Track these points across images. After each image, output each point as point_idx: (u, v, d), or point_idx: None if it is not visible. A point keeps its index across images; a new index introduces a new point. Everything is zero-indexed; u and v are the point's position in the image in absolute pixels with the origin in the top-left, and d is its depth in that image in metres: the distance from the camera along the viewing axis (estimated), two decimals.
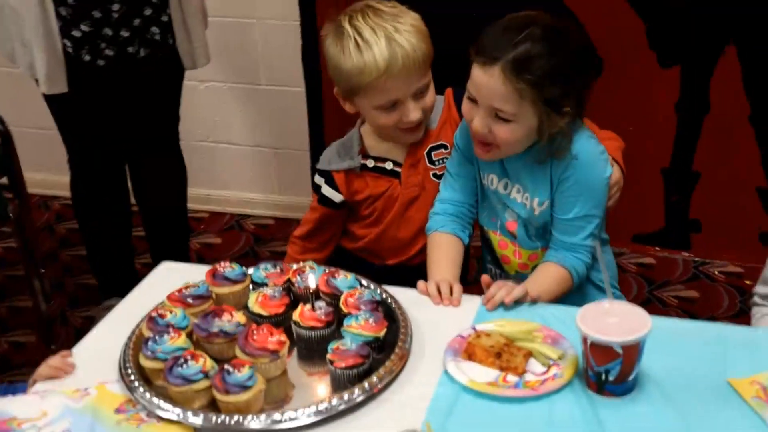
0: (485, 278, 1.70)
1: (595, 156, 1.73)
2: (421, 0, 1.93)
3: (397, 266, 2.00)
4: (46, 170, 3.51)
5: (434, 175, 1.93)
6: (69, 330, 2.94)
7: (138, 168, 2.81)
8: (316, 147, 3.37)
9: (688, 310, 2.86)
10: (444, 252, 1.84)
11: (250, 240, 3.52)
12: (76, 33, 2.39)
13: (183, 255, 2.95)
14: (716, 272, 3.07)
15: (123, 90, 2.54)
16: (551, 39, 1.61)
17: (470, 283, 1.90)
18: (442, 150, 1.93)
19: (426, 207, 1.92)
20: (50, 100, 2.54)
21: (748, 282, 2.93)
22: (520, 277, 1.80)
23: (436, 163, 1.94)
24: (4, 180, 2.53)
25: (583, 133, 1.73)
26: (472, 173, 1.86)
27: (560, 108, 1.65)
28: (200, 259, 3.33)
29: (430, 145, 1.93)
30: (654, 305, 2.89)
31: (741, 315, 2.80)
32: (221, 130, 3.58)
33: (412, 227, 1.97)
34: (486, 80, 1.62)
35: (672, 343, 1.54)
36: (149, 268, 1.96)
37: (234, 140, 3.60)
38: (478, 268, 1.99)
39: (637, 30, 2.88)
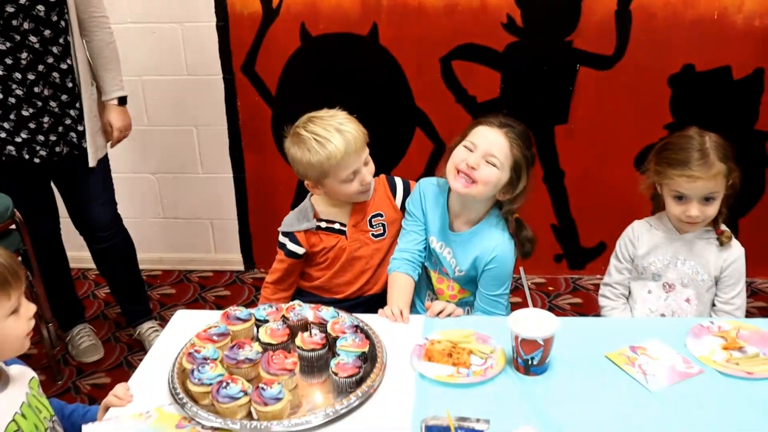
0: (429, 304, 2.03)
1: (511, 251, 2.03)
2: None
3: (343, 300, 2.28)
4: None
5: (372, 234, 2.20)
6: (71, 369, 3.10)
7: (93, 250, 2.99)
8: (242, 217, 3.73)
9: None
10: (398, 286, 2.11)
11: (197, 289, 3.68)
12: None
13: (144, 304, 3.20)
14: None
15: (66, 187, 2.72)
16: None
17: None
18: (379, 218, 2.20)
19: (365, 257, 2.21)
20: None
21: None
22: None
23: (374, 226, 2.20)
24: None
25: (506, 229, 2.03)
26: (422, 231, 2.14)
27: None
28: (162, 305, 3.50)
29: (372, 213, 2.19)
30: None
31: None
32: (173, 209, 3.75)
33: (355, 271, 2.24)
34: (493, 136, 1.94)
35: (570, 335, 1.81)
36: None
37: (180, 215, 3.82)
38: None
39: None
